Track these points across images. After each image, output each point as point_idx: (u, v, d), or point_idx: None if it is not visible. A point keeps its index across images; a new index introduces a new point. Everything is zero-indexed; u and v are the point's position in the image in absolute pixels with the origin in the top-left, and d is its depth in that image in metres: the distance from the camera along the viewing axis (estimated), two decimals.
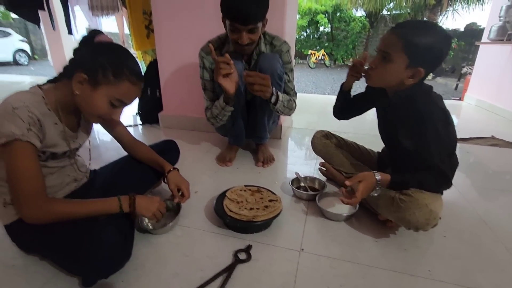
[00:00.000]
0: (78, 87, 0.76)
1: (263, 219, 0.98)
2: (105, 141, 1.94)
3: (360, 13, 12.63)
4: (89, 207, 0.77)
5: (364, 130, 2.05)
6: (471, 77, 3.63)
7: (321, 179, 1.33)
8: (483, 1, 9.60)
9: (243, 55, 1.37)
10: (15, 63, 9.95)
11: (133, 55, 0.81)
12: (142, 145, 1.10)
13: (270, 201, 1.08)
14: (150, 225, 1.00)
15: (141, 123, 2.33)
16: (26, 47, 10.38)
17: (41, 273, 0.81)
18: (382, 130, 1.14)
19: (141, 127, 2.28)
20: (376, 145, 1.33)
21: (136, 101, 0.96)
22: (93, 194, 0.86)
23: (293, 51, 1.63)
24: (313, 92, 6.16)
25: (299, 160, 1.69)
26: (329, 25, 12.55)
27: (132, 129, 2.24)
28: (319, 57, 11.60)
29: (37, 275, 0.80)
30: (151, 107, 2.26)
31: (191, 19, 1.87)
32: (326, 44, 12.49)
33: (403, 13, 11.59)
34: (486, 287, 0.81)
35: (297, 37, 12.15)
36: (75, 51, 0.81)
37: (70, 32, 3.14)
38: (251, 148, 1.75)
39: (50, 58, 5.51)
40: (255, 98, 1.39)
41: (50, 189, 0.82)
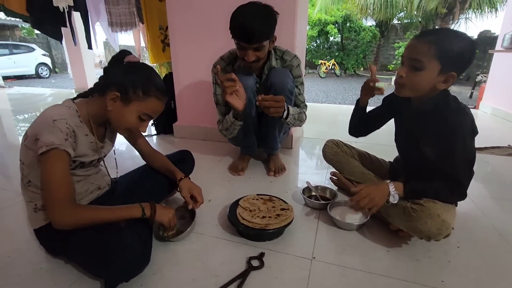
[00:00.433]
0: (111, 104, 0.83)
1: (276, 227, 1.00)
2: (121, 151, 2.01)
3: (370, 23, 12.66)
4: (113, 213, 0.82)
5: (375, 139, 2.02)
6: (486, 85, 3.57)
7: (332, 188, 1.35)
8: (496, 8, 9.47)
9: (254, 70, 1.42)
10: (37, 76, 10.46)
11: (158, 73, 0.88)
12: (159, 155, 1.16)
13: (282, 209, 1.10)
14: (164, 233, 1.04)
15: (156, 133, 2.41)
16: (47, 61, 10.90)
17: (67, 275, 0.86)
18: (401, 139, 1.12)
19: (155, 137, 2.36)
20: (387, 154, 1.34)
21: None
22: (114, 201, 0.91)
23: (303, 63, 1.67)
24: (324, 101, 6.17)
25: (310, 169, 1.71)
26: (339, 35, 12.61)
27: (148, 139, 2.31)
28: (329, 66, 11.63)
29: (63, 277, 0.85)
30: (166, 118, 2.34)
31: (205, 35, 1.96)
32: (336, 53, 12.52)
33: (414, 22, 11.52)
34: None
35: (307, 47, 12.22)
36: (106, 70, 0.89)
37: (90, 47, 3.32)
38: (262, 157, 1.79)
39: (70, 71, 5.80)
40: None
41: (76, 196, 0.88)
